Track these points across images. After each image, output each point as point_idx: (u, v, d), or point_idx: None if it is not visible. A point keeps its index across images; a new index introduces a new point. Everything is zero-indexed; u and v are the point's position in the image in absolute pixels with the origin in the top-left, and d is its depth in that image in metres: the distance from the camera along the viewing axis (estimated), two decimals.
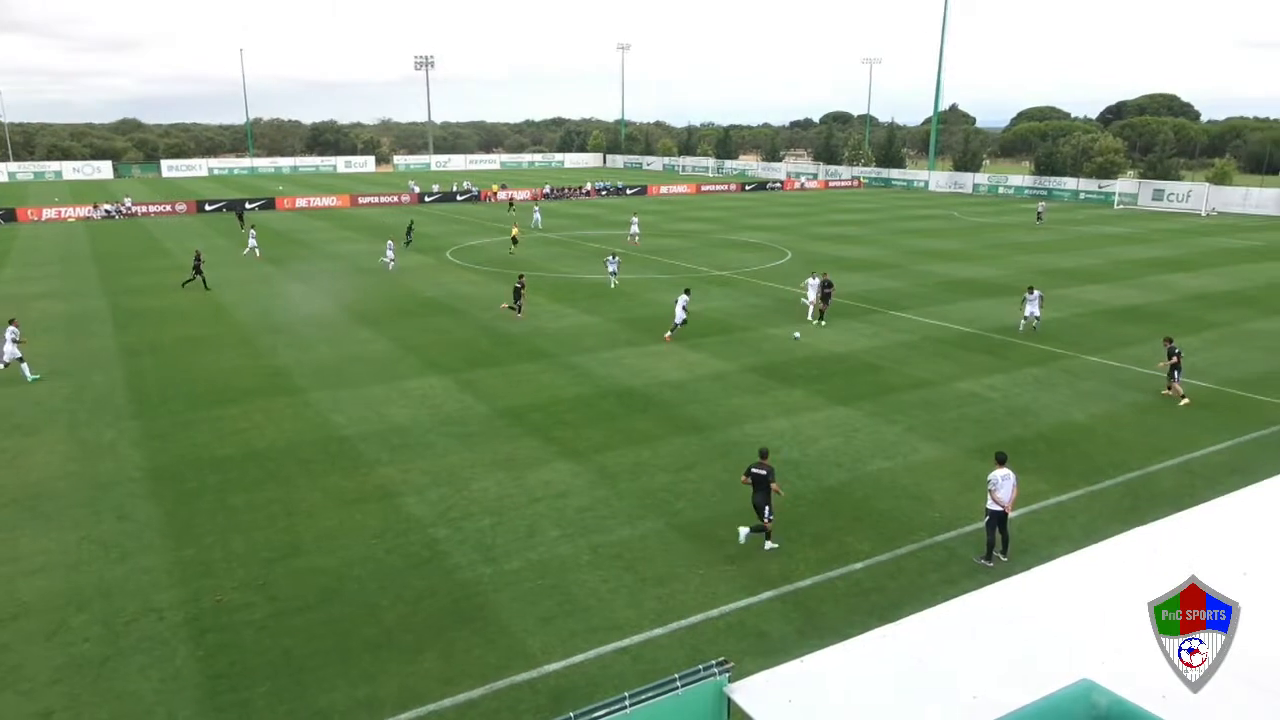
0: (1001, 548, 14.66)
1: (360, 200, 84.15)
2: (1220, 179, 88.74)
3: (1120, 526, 9.64)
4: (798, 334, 18.86)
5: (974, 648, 7.06)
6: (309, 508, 16.77)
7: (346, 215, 74.05)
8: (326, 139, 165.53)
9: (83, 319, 33.31)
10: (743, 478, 15.30)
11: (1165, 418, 22.05)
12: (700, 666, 6.32)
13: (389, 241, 46.66)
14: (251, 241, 50.24)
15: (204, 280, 39.02)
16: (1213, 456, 19.55)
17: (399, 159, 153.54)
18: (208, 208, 76.94)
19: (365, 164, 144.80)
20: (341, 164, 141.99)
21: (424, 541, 15.43)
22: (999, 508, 14.32)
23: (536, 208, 67.22)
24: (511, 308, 32.97)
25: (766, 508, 14.92)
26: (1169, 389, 23.70)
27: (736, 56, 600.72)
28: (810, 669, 6.65)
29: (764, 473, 14.87)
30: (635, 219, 56.93)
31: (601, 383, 24.76)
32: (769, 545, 15.08)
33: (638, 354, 27.82)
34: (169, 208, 76.04)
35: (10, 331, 25.26)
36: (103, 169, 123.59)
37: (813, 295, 32.33)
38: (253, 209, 77.30)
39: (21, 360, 25.10)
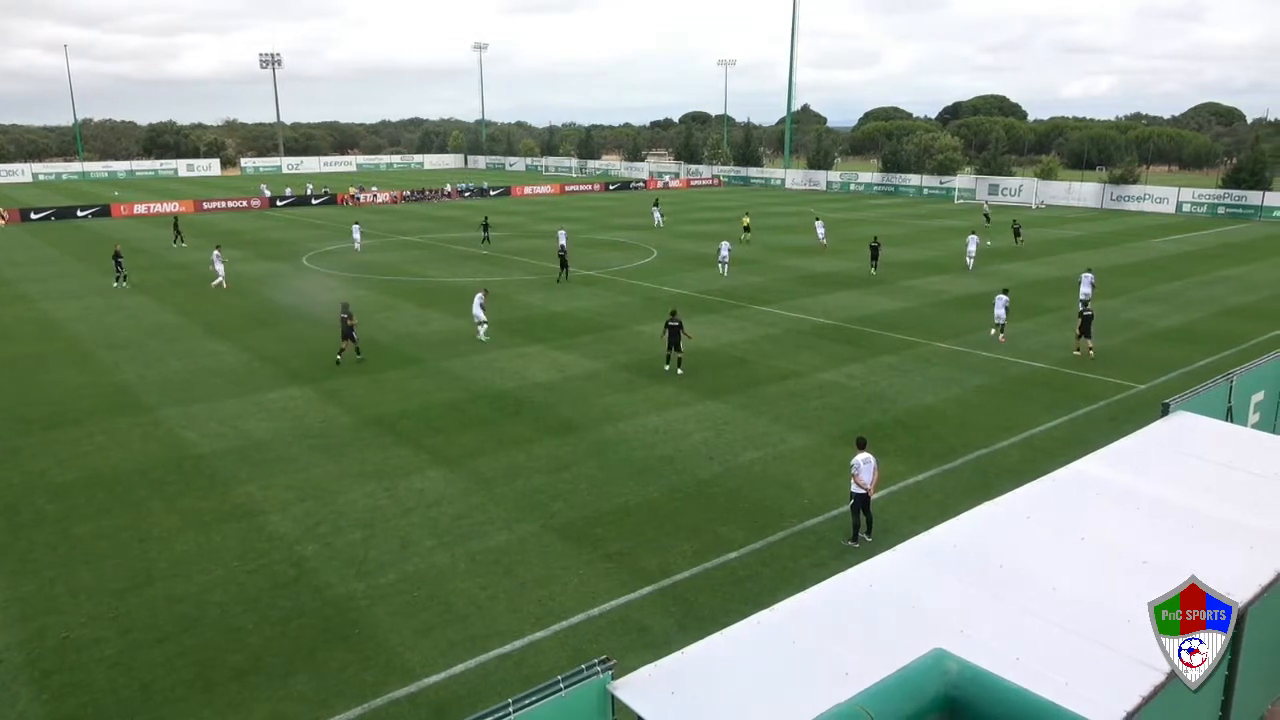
0: (866, 529, 15.34)
1: (206, 205, 79.75)
2: (1047, 174, 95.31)
3: (972, 501, 10.26)
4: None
5: (843, 627, 7.39)
6: (162, 533, 15.81)
7: (191, 221, 70.07)
8: (165, 141, 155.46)
9: None
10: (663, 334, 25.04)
11: (1009, 399, 23.59)
12: (583, 666, 6.35)
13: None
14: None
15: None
16: (1052, 431, 21.06)
17: (247, 162, 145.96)
18: (34, 216, 71.16)
19: (210, 167, 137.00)
20: (183, 167, 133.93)
21: (290, 560, 14.82)
22: (861, 490, 15.01)
23: (657, 210, 65.30)
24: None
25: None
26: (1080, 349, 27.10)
27: (595, 57, 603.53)
28: (691, 660, 6.80)
29: (676, 324, 24.66)
30: (821, 223, 52.63)
31: (473, 387, 24.41)
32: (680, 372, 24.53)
33: (509, 356, 27.57)
34: None
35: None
36: None
37: (1002, 312, 29.14)
38: (85, 216, 72.15)
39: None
